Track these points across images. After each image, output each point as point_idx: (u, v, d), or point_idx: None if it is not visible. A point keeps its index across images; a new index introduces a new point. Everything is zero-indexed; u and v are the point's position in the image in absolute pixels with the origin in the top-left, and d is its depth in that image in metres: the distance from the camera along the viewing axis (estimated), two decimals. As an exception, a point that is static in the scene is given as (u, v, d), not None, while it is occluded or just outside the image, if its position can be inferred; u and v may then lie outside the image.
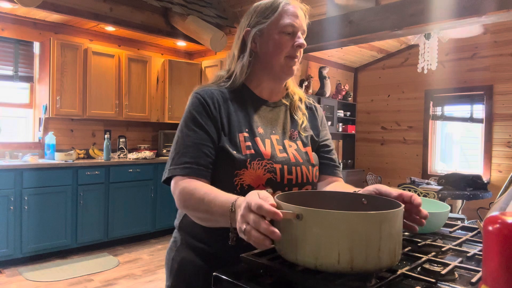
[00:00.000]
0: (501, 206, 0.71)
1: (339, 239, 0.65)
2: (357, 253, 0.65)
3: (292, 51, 1.06)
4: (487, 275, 0.46)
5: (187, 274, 1.05)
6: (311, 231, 0.67)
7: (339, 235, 0.65)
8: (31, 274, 3.40)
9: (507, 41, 5.11)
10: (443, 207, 1.03)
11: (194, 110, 1.03)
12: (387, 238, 0.67)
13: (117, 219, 4.26)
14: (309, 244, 0.67)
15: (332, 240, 0.65)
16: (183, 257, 1.06)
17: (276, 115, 1.12)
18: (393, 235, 0.69)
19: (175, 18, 4.48)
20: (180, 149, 1.00)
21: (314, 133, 1.16)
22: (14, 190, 3.56)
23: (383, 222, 0.67)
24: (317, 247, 0.66)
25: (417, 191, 4.04)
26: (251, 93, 1.11)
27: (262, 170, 0.99)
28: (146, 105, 4.84)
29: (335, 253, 0.65)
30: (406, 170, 6.02)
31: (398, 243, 0.71)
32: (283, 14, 1.05)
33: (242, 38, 1.09)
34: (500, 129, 5.19)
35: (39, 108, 4.26)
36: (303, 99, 1.19)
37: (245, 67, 1.08)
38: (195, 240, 1.05)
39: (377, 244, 0.66)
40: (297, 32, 1.06)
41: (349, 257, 0.65)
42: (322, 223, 0.66)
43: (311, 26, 1.12)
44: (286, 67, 1.07)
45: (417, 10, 3.10)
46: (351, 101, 6.51)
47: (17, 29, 4.11)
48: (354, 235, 0.65)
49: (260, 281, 0.73)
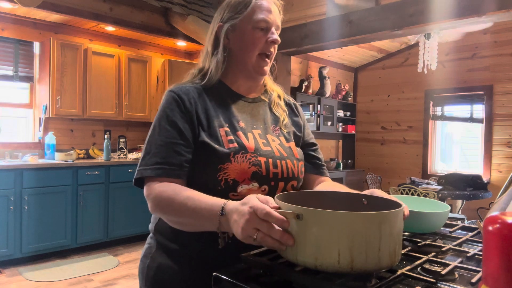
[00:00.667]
0: (501, 206, 0.71)
1: (339, 239, 0.65)
2: (357, 253, 0.64)
3: (266, 47, 1.04)
4: (487, 275, 0.46)
5: (164, 281, 1.00)
6: (311, 231, 0.66)
7: (339, 235, 0.65)
8: (31, 274, 3.40)
9: (507, 41, 5.11)
10: (443, 207, 1.03)
11: (167, 108, 0.99)
12: (387, 238, 0.67)
13: (117, 219, 4.26)
14: (309, 244, 0.67)
15: (332, 240, 0.65)
16: (159, 263, 1.01)
17: (256, 110, 1.09)
18: (394, 235, 0.69)
19: (175, 18, 4.48)
20: (152, 149, 0.96)
21: (296, 129, 1.14)
22: (14, 190, 3.56)
23: (383, 222, 0.67)
24: (317, 247, 0.66)
25: (417, 191, 4.04)
26: (228, 89, 1.08)
27: (246, 164, 0.96)
28: (146, 105, 4.84)
29: (335, 253, 0.65)
30: (406, 170, 6.02)
31: (398, 243, 0.71)
32: (256, 9, 1.03)
33: (215, 33, 1.06)
34: (500, 129, 5.19)
35: (39, 108, 4.26)
36: (282, 95, 1.17)
37: (220, 63, 1.05)
38: (172, 243, 1.00)
39: (377, 244, 0.66)
40: (270, 27, 1.04)
41: (349, 257, 0.64)
42: (322, 223, 0.66)
43: (311, 26, 1.11)
44: (258, 67, 1.05)
45: (417, 10, 3.09)
46: (351, 101, 6.51)
47: (17, 29, 4.11)
48: (355, 235, 0.65)
49: (260, 281, 0.73)
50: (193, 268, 0.98)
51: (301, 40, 3.86)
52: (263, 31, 1.04)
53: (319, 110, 5.68)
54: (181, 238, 0.99)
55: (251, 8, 1.03)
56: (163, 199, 0.90)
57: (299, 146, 1.13)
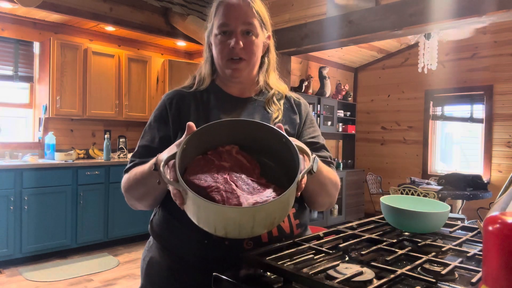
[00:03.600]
0: (501, 206, 0.71)
1: (215, 223, 0.74)
2: (231, 231, 0.74)
3: (230, 52, 1.02)
4: (487, 275, 0.46)
5: (155, 274, 1.04)
6: (194, 208, 0.75)
7: (215, 221, 0.74)
8: (31, 274, 3.40)
9: (507, 41, 5.11)
10: (443, 207, 1.03)
11: (154, 112, 1.09)
12: (262, 221, 0.74)
13: (117, 219, 4.26)
14: (193, 215, 0.76)
15: (209, 221, 0.74)
16: (151, 257, 1.06)
17: (245, 110, 1.08)
18: (271, 217, 0.75)
19: (175, 18, 4.48)
20: (136, 150, 1.08)
21: (290, 127, 1.09)
22: (14, 190, 3.56)
23: (258, 212, 0.73)
24: (198, 220, 0.76)
25: (417, 191, 4.04)
26: (220, 91, 1.10)
27: None
28: (146, 105, 4.84)
29: (211, 229, 0.75)
30: (406, 170, 6.02)
31: (278, 217, 0.77)
32: (219, 13, 1.03)
33: (206, 42, 1.12)
34: (500, 129, 5.19)
35: (39, 108, 4.26)
36: (284, 93, 1.15)
37: (209, 69, 1.10)
38: (163, 240, 1.04)
39: (251, 226, 0.73)
40: (233, 29, 1.01)
41: (224, 233, 0.74)
42: (200, 208, 0.74)
43: (311, 26, 1.11)
44: (228, 70, 1.05)
45: (417, 10, 3.09)
46: (351, 101, 6.51)
47: (17, 29, 4.11)
48: (228, 222, 0.73)
49: (260, 281, 0.73)
50: (179, 264, 0.99)
51: (301, 40, 3.86)
52: (226, 35, 1.03)
53: (319, 110, 5.68)
54: (169, 235, 1.02)
55: (216, 14, 1.05)
56: (125, 182, 1.03)
57: None
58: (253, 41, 1.04)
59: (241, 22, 1.02)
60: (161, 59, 5.04)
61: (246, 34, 1.03)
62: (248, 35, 1.03)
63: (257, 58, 1.08)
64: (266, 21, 1.08)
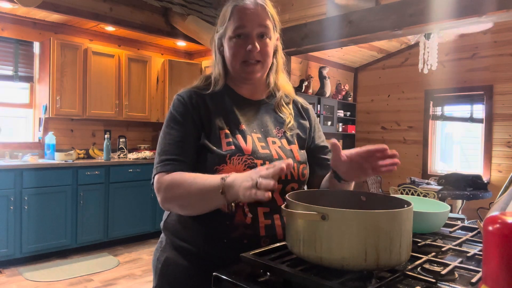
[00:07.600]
0: (501, 206, 0.71)
1: (366, 238, 0.66)
2: (382, 251, 0.67)
3: (246, 55, 1.03)
4: (487, 275, 0.46)
5: (171, 274, 1.04)
6: (337, 231, 0.67)
7: (366, 234, 0.66)
8: (31, 274, 3.40)
9: (507, 41, 5.11)
10: (443, 207, 1.03)
11: (175, 110, 1.06)
12: (406, 234, 0.70)
13: (117, 219, 4.26)
14: (335, 244, 0.67)
15: (360, 239, 0.66)
16: (166, 257, 1.06)
17: (258, 113, 1.11)
18: (409, 231, 0.72)
19: (175, 18, 4.48)
20: (162, 149, 1.02)
21: (301, 132, 1.13)
22: (14, 190, 3.56)
23: (406, 219, 0.70)
24: (344, 247, 0.67)
25: (417, 191, 4.04)
26: (233, 92, 1.11)
27: (242, 165, 0.98)
28: (146, 105, 4.83)
29: (362, 252, 0.66)
30: (406, 170, 6.02)
31: (410, 238, 0.74)
32: (234, 17, 1.03)
33: (214, 44, 1.11)
34: (500, 129, 5.19)
35: (39, 108, 4.26)
36: (292, 96, 1.18)
37: (221, 71, 1.10)
38: (179, 240, 1.04)
39: (399, 241, 0.68)
40: (249, 32, 1.03)
41: (376, 254, 0.66)
42: (348, 223, 0.67)
43: (311, 26, 1.11)
44: (244, 73, 1.06)
45: (417, 10, 3.09)
46: (351, 101, 6.51)
47: (17, 29, 4.11)
48: (380, 233, 0.67)
49: (260, 281, 0.73)
50: (197, 265, 1.00)
51: (301, 40, 3.86)
52: (242, 38, 1.03)
53: (319, 110, 5.68)
54: (184, 235, 1.03)
55: (230, 17, 1.04)
56: (175, 183, 0.95)
57: (303, 148, 1.13)
58: (267, 44, 1.06)
59: (257, 25, 1.03)
60: (161, 59, 5.04)
61: (260, 37, 1.05)
62: (263, 38, 1.05)
63: (270, 60, 1.10)
64: (278, 23, 1.10)
